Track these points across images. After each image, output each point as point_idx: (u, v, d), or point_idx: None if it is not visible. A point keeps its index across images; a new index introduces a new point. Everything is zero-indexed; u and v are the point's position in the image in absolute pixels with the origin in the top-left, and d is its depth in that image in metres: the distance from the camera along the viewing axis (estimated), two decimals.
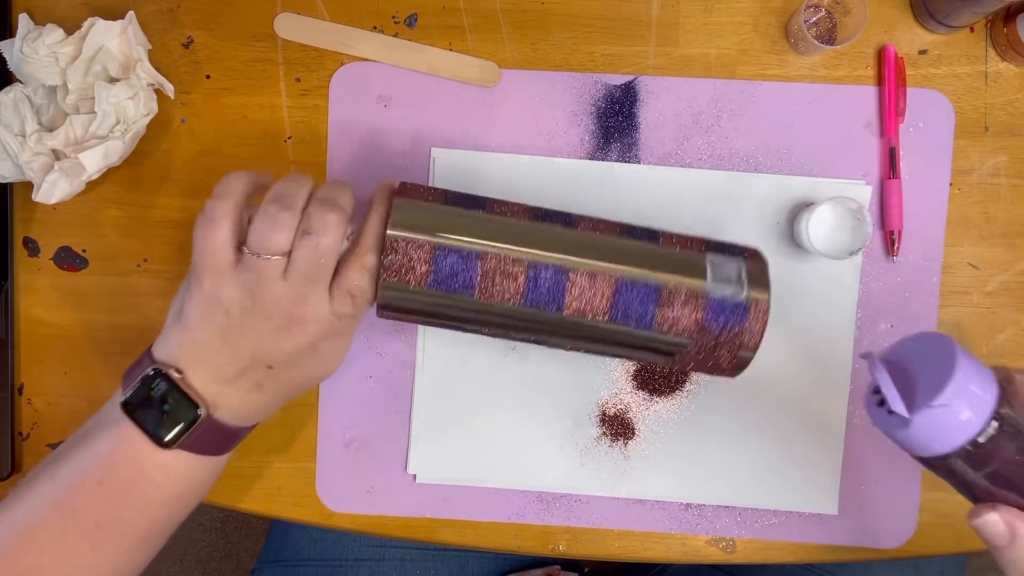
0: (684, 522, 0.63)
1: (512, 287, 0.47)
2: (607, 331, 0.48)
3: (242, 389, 0.49)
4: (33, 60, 0.58)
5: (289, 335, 0.47)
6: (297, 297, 0.46)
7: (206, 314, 0.47)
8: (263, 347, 0.47)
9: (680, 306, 0.47)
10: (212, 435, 0.49)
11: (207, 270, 0.46)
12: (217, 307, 0.47)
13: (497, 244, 0.48)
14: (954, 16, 0.59)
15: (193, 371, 0.48)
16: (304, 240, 0.46)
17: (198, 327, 0.47)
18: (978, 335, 0.63)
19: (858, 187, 0.62)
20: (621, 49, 0.63)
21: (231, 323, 0.47)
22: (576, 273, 0.47)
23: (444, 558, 0.74)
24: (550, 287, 0.47)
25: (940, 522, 0.63)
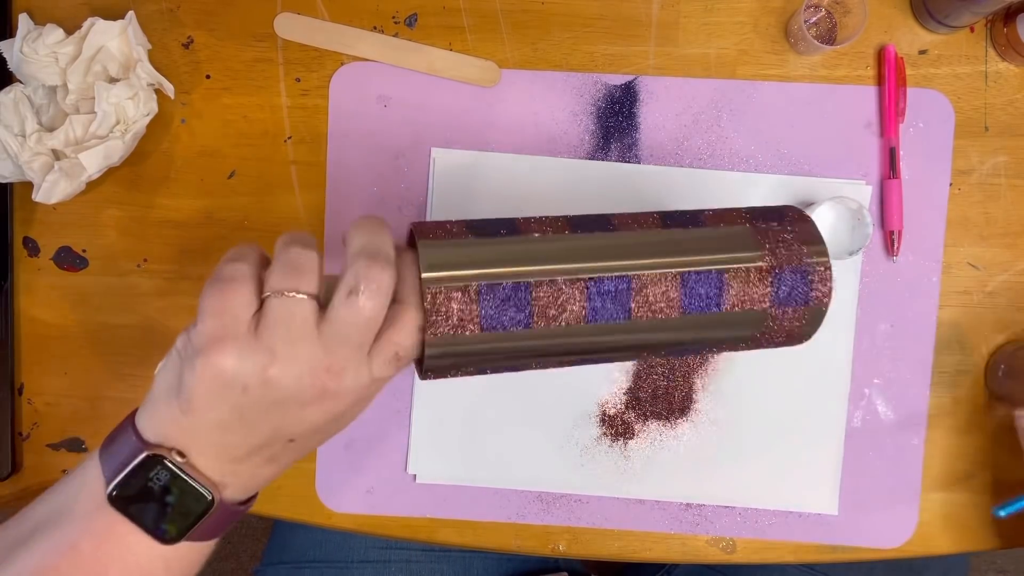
0: (684, 522, 0.63)
1: (574, 307, 0.42)
2: (681, 324, 0.44)
3: (253, 465, 0.42)
4: (33, 60, 0.58)
5: (320, 407, 0.40)
6: (336, 363, 0.39)
7: (218, 393, 0.38)
8: (287, 422, 0.40)
9: (746, 282, 0.44)
10: (220, 518, 0.42)
11: (221, 338, 0.38)
12: (233, 384, 0.38)
13: (545, 267, 0.42)
14: (954, 16, 0.59)
15: (199, 453, 0.40)
16: (350, 300, 0.39)
17: (206, 408, 0.39)
18: (978, 335, 0.63)
19: (858, 187, 0.62)
20: (621, 49, 0.63)
21: (249, 400, 0.39)
22: (636, 278, 0.43)
23: (449, 559, 0.74)
24: (613, 297, 0.43)
25: (940, 522, 0.63)
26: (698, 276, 0.44)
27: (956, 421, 0.63)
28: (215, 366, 0.38)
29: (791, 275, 0.45)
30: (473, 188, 0.63)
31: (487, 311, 0.41)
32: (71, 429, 0.64)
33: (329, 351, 0.39)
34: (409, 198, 0.63)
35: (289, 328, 0.38)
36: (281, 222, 0.63)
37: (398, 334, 0.41)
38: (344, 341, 0.39)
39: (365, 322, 0.39)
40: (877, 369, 0.63)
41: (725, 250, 0.45)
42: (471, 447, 0.63)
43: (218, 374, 0.38)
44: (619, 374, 0.63)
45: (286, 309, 0.39)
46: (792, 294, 0.45)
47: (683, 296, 0.44)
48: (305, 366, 0.39)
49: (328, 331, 0.39)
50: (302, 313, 0.39)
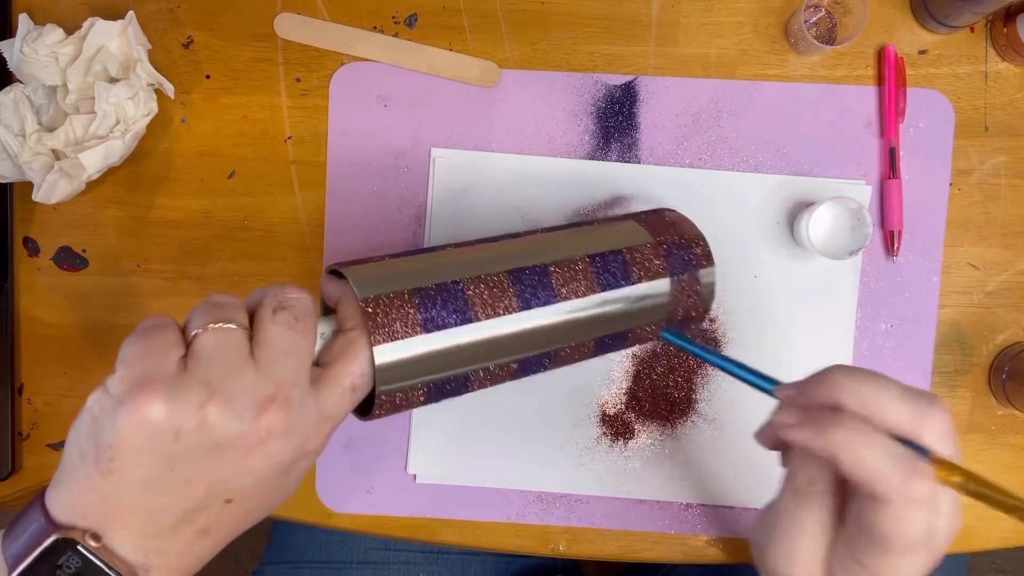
0: (684, 522, 0.63)
1: (507, 298, 0.45)
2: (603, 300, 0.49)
3: (184, 539, 0.37)
4: (33, 60, 0.58)
5: (265, 451, 0.36)
6: (279, 393, 0.35)
7: (145, 444, 0.34)
8: (227, 473, 0.35)
9: (645, 261, 0.50)
10: None
11: (146, 381, 0.34)
12: (163, 430, 0.34)
13: (469, 269, 0.46)
14: (954, 16, 0.59)
15: (117, 530, 0.35)
16: (278, 316, 0.36)
17: (131, 464, 0.34)
18: (978, 335, 0.63)
19: (858, 187, 0.62)
20: (621, 49, 0.63)
21: (183, 447, 0.34)
22: (553, 265, 0.48)
23: (448, 561, 0.74)
24: (537, 282, 0.47)
25: None
26: (603, 257, 0.49)
27: (956, 421, 0.63)
28: (141, 411, 0.33)
29: (677, 249, 0.51)
30: (473, 188, 0.63)
31: (427, 314, 0.42)
32: None
33: (269, 377, 0.35)
34: (409, 198, 0.63)
35: (223, 358, 0.35)
36: (281, 222, 0.63)
37: (351, 363, 0.39)
38: (282, 363, 0.36)
39: (300, 338, 0.37)
40: (877, 369, 0.62)
41: (618, 236, 0.51)
42: (471, 447, 0.63)
43: (144, 420, 0.33)
44: (619, 374, 0.63)
45: (217, 339, 0.35)
46: (683, 264, 0.51)
47: (595, 274, 0.49)
48: (246, 399, 0.35)
49: (263, 356, 0.36)
50: (235, 341, 0.35)
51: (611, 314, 0.49)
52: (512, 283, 0.46)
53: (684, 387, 0.63)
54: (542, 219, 0.63)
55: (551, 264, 0.48)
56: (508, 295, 0.45)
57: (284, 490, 0.39)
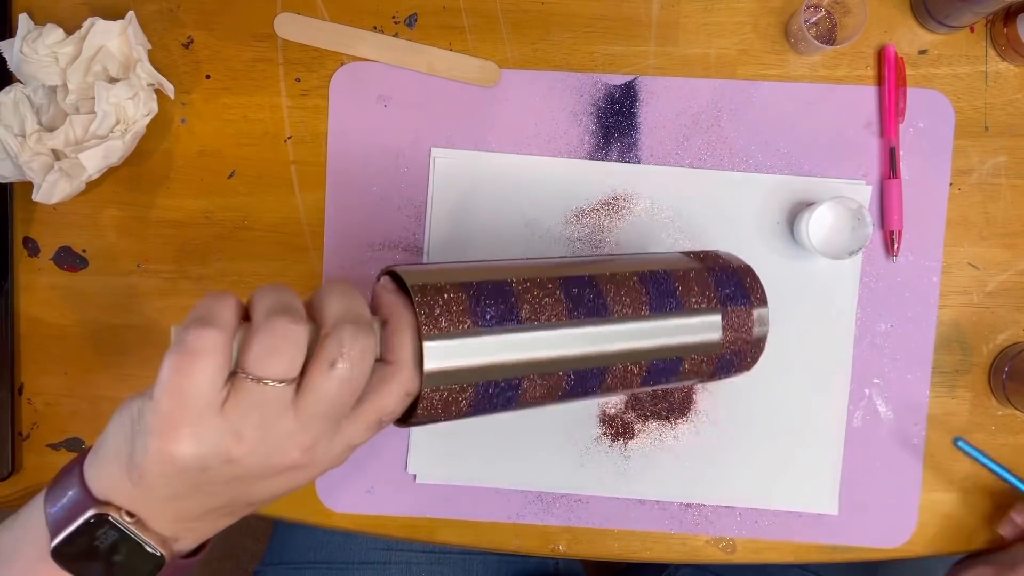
0: (684, 522, 0.63)
1: (556, 305, 0.43)
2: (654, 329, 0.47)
3: (209, 521, 0.39)
4: (33, 60, 0.58)
5: (288, 479, 0.37)
6: (311, 440, 0.36)
7: (173, 475, 0.35)
8: (248, 492, 0.37)
9: (694, 286, 0.48)
10: (170, 572, 0.39)
11: (182, 421, 0.34)
12: (190, 468, 0.35)
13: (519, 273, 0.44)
14: (954, 16, 0.59)
15: (150, 516, 0.37)
16: (332, 372, 0.35)
17: (160, 485, 0.36)
18: (978, 335, 0.63)
19: (858, 187, 0.62)
20: (621, 49, 0.63)
21: (208, 477, 0.35)
22: (603, 278, 0.46)
23: (449, 561, 0.74)
24: (588, 296, 0.45)
25: (940, 522, 0.63)
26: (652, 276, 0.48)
27: (956, 421, 0.63)
28: (169, 449, 0.34)
29: (728, 279, 0.49)
30: (473, 188, 0.63)
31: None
32: (71, 429, 0.64)
33: (304, 428, 0.36)
34: (409, 198, 0.63)
35: (262, 413, 0.35)
36: (281, 222, 0.63)
37: (385, 399, 0.38)
38: (322, 416, 0.36)
39: (349, 394, 0.36)
40: (877, 369, 0.63)
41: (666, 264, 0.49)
42: (471, 447, 0.63)
43: (172, 460, 0.34)
44: None
45: (261, 395, 0.35)
46: (735, 294, 0.48)
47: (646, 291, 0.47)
48: (275, 445, 0.35)
49: (304, 407, 0.35)
50: (278, 398, 0.35)
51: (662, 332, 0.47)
52: (563, 292, 0.44)
53: (684, 387, 0.63)
54: (542, 219, 0.63)
55: (601, 278, 0.46)
56: (559, 302, 0.44)
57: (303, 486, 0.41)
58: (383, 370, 0.38)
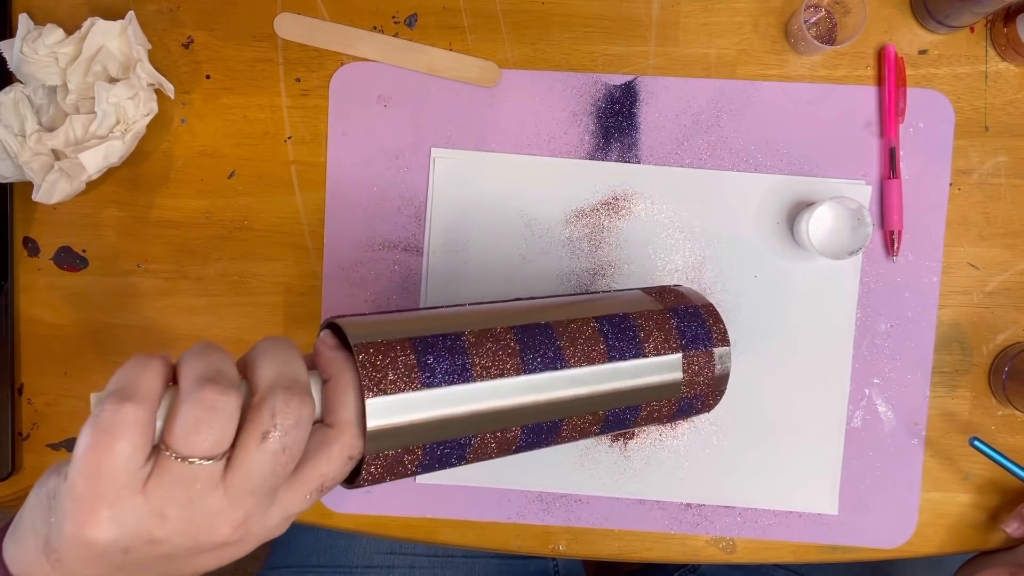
0: (684, 522, 0.63)
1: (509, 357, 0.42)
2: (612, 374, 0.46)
3: None
4: (33, 60, 0.58)
5: (219, 555, 0.35)
6: (242, 516, 0.34)
7: (93, 557, 0.33)
8: (176, 571, 0.35)
9: (654, 329, 0.47)
10: None
11: (99, 503, 0.32)
12: (110, 550, 0.33)
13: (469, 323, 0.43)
14: (954, 16, 0.59)
15: None
16: (264, 445, 0.33)
17: (79, 568, 0.33)
18: (978, 335, 0.63)
19: (858, 187, 0.62)
20: (621, 49, 0.63)
21: (132, 558, 0.33)
22: (558, 324, 0.44)
23: (452, 564, 0.73)
24: (543, 345, 0.43)
25: (940, 522, 0.63)
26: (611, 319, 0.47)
27: (956, 421, 0.63)
28: (86, 537, 0.32)
29: (689, 318, 0.49)
30: (473, 188, 0.63)
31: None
32: (71, 429, 0.64)
33: (235, 504, 0.33)
34: (409, 198, 0.63)
35: (188, 492, 0.32)
36: (281, 222, 0.63)
37: (325, 464, 0.36)
38: (254, 492, 0.33)
39: (283, 466, 0.34)
40: (877, 369, 0.63)
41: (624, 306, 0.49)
42: None
43: (89, 545, 0.32)
44: None
45: (186, 473, 0.32)
46: (696, 335, 0.48)
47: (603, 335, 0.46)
48: (203, 524, 0.33)
49: (235, 483, 0.33)
50: (206, 476, 0.33)
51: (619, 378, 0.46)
52: (517, 342, 0.42)
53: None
54: (542, 219, 0.63)
55: (556, 324, 0.44)
56: (513, 355, 0.42)
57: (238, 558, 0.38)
58: (323, 433, 0.36)
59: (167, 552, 0.33)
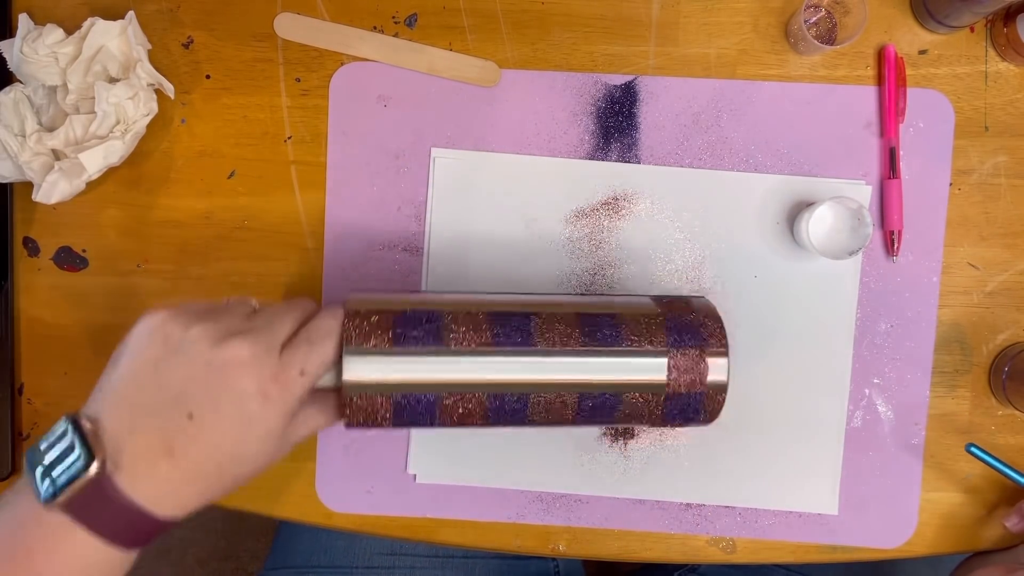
0: (684, 522, 0.63)
1: (480, 333, 0.48)
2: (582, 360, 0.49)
3: (152, 447, 0.42)
4: (33, 60, 0.58)
5: (225, 373, 0.43)
6: (247, 330, 0.45)
7: (147, 340, 0.44)
8: (188, 387, 0.43)
9: (642, 327, 0.49)
10: (104, 503, 0.41)
11: (178, 307, 0.46)
12: (160, 330, 0.44)
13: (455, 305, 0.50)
14: (954, 16, 0.59)
15: (106, 415, 0.43)
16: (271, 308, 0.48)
17: (127, 362, 0.44)
18: (978, 335, 0.63)
19: (858, 187, 0.62)
20: (621, 49, 0.63)
21: (166, 350, 0.44)
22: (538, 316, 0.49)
23: (452, 565, 0.73)
24: (516, 326, 0.48)
25: (940, 522, 0.63)
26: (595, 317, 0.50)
27: (956, 421, 0.63)
28: (147, 319, 0.45)
29: (684, 324, 0.50)
30: (473, 188, 0.63)
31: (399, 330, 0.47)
32: None
33: (249, 326, 0.45)
34: (409, 198, 0.63)
35: (224, 310, 0.46)
36: (281, 222, 0.63)
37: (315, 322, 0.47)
38: (264, 319, 0.46)
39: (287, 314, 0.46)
40: (877, 369, 0.63)
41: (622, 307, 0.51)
42: (471, 447, 0.63)
43: (147, 325, 0.45)
44: None
45: (231, 302, 0.47)
46: (686, 338, 0.49)
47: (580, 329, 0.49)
48: (223, 330, 0.44)
49: (254, 315, 0.47)
50: (242, 306, 0.47)
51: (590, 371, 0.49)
52: (490, 323, 0.48)
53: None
54: (542, 219, 0.63)
55: (535, 314, 0.49)
56: (483, 331, 0.48)
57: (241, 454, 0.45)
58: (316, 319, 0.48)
59: (189, 354, 0.43)
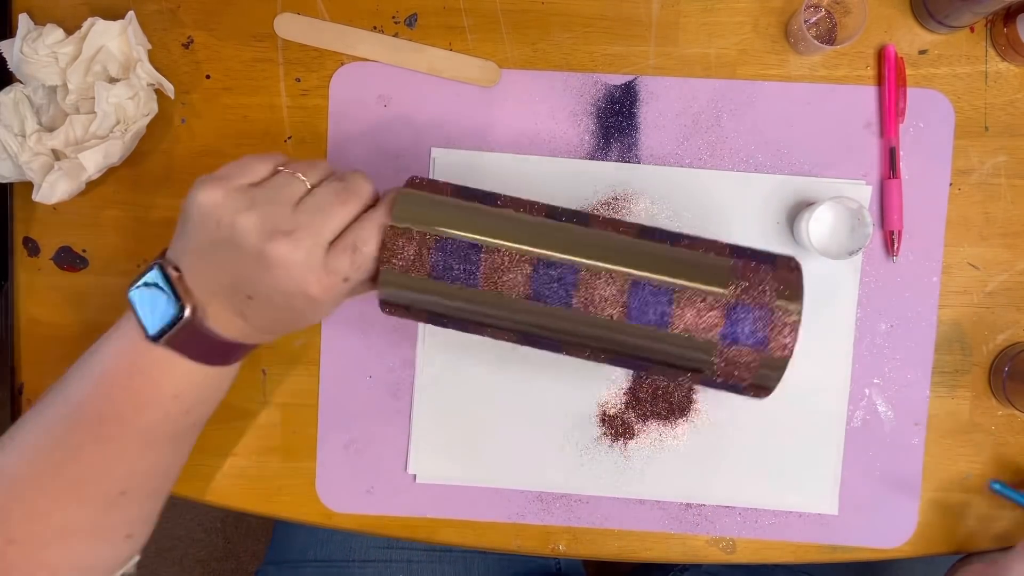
0: (684, 522, 0.63)
1: (518, 280, 0.45)
2: (620, 330, 0.45)
3: (228, 309, 0.47)
4: (33, 60, 0.58)
5: (270, 269, 0.44)
6: (290, 230, 0.44)
7: (200, 221, 0.45)
8: (245, 272, 0.45)
9: (698, 309, 0.44)
10: (200, 341, 0.48)
11: (220, 179, 0.45)
12: (210, 216, 0.45)
13: (502, 238, 0.46)
14: (954, 16, 0.59)
15: (189, 273, 0.47)
16: (332, 183, 0.46)
17: (192, 232, 0.46)
18: (978, 335, 0.63)
19: (858, 187, 0.62)
20: (621, 49, 0.63)
21: (219, 236, 0.45)
22: (587, 270, 0.45)
23: (450, 560, 0.74)
24: (558, 282, 0.45)
25: (940, 522, 0.63)
26: (646, 284, 0.45)
27: (956, 421, 0.63)
28: (202, 195, 0.45)
29: (750, 314, 0.44)
30: None
31: (438, 260, 0.46)
32: None
33: (296, 221, 0.44)
34: None
35: (277, 193, 0.45)
36: None
37: (361, 226, 0.46)
38: (311, 216, 0.45)
39: (339, 207, 0.45)
40: (877, 369, 0.63)
41: (686, 272, 0.45)
42: (471, 447, 0.63)
43: (201, 203, 0.45)
44: (619, 374, 0.63)
45: (283, 180, 0.46)
46: (747, 334, 0.44)
47: (628, 300, 0.45)
48: (268, 224, 0.44)
49: (303, 204, 0.45)
50: (294, 188, 0.46)
51: (626, 351, 0.46)
52: (533, 269, 0.45)
53: (684, 387, 0.63)
54: None
55: (582, 270, 0.45)
56: (522, 280, 0.46)
57: (301, 319, 0.48)
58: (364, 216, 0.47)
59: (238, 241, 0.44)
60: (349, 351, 0.63)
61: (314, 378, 0.63)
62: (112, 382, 0.48)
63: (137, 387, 0.48)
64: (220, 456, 0.64)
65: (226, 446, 0.64)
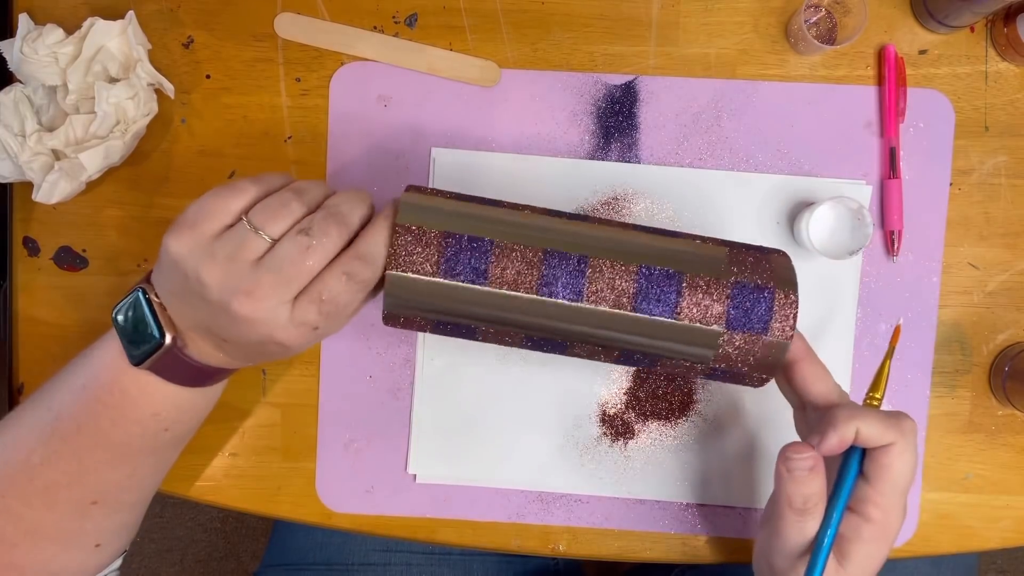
0: (684, 522, 0.63)
1: (529, 274, 0.45)
2: (629, 323, 0.46)
3: (207, 343, 0.48)
4: (33, 60, 0.58)
5: (237, 324, 0.45)
6: (254, 291, 0.43)
7: (171, 268, 0.45)
8: (216, 322, 0.45)
9: (703, 296, 0.46)
10: (181, 366, 0.48)
11: (188, 227, 0.44)
12: (177, 267, 0.45)
13: (510, 232, 0.46)
14: (954, 16, 0.59)
15: (169, 308, 0.47)
16: (296, 238, 0.44)
17: (167, 275, 0.46)
18: (978, 335, 0.63)
19: (858, 187, 0.62)
20: (621, 49, 0.63)
21: (188, 287, 0.45)
22: (596, 259, 0.46)
23: (449, 562, 0.74)
24: (568, 275, 0.45)
25: (940, 522, 0.63)
26: (653, 273, 0.46)
27: (956, 421, 0.63)
28: (171, 245, 0.45)
29: (751, 299, 0.46)
30: (473, 188, 0.63)
31: (446, 259, 0.45)
32: None
33: (256, 280, 0.43)
34: None
35: (236, 249, 0.44)
36: None
37: (330, 277, 0.45)
38: (274, 273, 0.43)
39: (300, 259, 0.44)
40: None
41: (694, 262, 0.47)
42: (471, 447, 0.63)
43: (170, 252, 0.45)
44: (619, 374, 0.63)
45: (244, 236, 0.44)
46: (750, 318, 0.46)
47: (637, 292, 0.46)
48: (230, 284, 0.43)
49: (266, 261, 0.44)
50: (254, 246, 0.44)
51: (633, 340, 0.47)
52: (543, 264, 0.46)
53: (684, 387, 0.63)
54: None
55: (591, 259, 0.46)
56: (532, 273, 0.46)
57: (272, 358, 0.49)
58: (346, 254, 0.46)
59: (205, 296, 0.44)
60: (349, 351, 0.63)
61: (314, 378, 0.63)
62: (92, 396, 0.48)
63: (116, 403, 0.48)
64: (220, 456, 0.64)
65: (226, 446, 0.64)
